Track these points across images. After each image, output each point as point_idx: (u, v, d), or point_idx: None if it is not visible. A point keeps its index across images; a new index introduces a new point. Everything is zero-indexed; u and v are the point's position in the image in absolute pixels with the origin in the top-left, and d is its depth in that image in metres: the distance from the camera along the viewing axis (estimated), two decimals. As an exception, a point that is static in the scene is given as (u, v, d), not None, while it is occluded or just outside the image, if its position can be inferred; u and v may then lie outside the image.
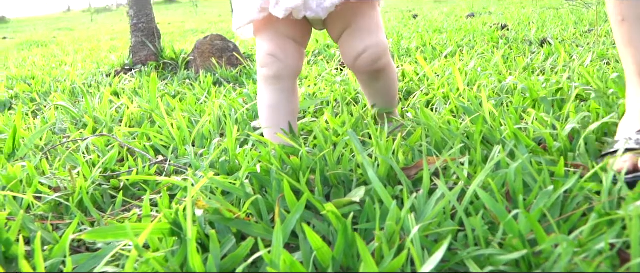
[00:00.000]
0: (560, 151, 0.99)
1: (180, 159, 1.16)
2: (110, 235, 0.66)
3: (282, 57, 1.08)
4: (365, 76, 1.14)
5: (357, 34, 1.07)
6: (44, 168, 1.11)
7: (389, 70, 1.15)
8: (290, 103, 1.14)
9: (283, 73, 1.09)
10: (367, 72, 1.11)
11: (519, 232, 0.65)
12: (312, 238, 0.63)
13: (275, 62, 1.08)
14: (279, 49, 1.08)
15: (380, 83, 1.17)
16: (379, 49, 1.07)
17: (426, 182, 0.80)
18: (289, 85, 1.12)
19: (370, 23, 1.07)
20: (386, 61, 1.11)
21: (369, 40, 1.06)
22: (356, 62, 1.08)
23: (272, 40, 1.09)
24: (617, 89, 1.31)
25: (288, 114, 1.14)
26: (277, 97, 1.12)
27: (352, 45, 1.07)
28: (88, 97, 1.66)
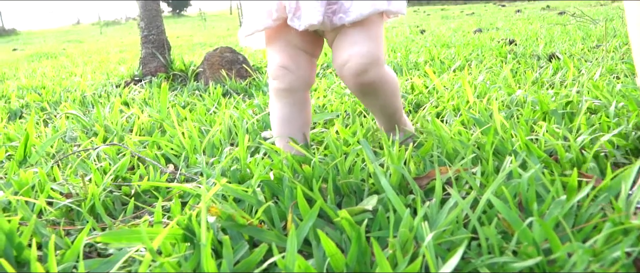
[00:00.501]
0: (573, 162, 0.98)
1: (191, 168, 1.17)
2: (124, 238, 0.67)
3: (294, 68, 1.06)
4: (354, 89, 1.05)
5: (344, 42, 1.01)
6: (56, 175, 1.12)
7: (381, 85, 1.04)
8: (303, 115, 1.12)
9: (295, 85, 1.07)
10: (354, 84, 1.02)
11: (533, 240, 0.64)
12: (327, 244, 0.62)
13: (287, 75, 1.05)
14: (291, 61, 1.06)
15: (373, 100, 1.10)
16: (364, 60, 0.98)
17: (438, 191, 0.80)
18: (301, 98, 1.10)
19: (360, 32, 1.00)
20: (375, 75, 1.01)
21: (355, 49, 0.99)
22: (342, 71, 1.02)
23: (283, 52, 1.06)
24: (627, 102, 1.30)
25: (300, 125, 1.12)
26: (289, 110, 1.10)
27: (339, 53, 1.01)
28: (99, 106, 1.68)
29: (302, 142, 1.12)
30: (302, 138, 1.12)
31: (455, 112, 1.49)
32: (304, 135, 1.13)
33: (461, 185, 0.90)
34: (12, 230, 0.76)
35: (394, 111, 1.16)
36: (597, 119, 1.22)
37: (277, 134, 1.13)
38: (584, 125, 1.17)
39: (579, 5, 10.07)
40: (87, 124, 1.67)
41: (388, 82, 1.06)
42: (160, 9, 3.01)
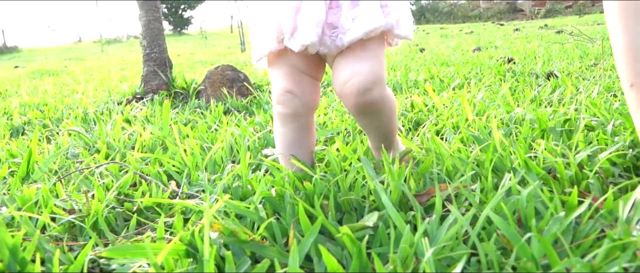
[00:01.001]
0: (572, 179, 0.99)
1: (193, 185, 1.18)
2: (128, 253, 0.67)
3: (299, 93, 1.05)
4: (354, 109, 1.01)
5: (347, 60, 0.98)
6: (59, 191, 1.13)
7: (382, 106, 1.02)
8: (308, 138, 1.12)
9: (300, 110, 1.06)
10: (355, 104, 0.99)
11: (532, 255, 0.65)
12: (328, 260, 0.63)
13: (292, 100, 1.05)
14: (296, 85, 1.05)
15: (372, 120, 1.06)
16: (368, 78, 0.96)
17: (438, 207, 0.81)
18: (306, 122, 1.10)
19: (364, 51, 0.98)
20: (377, 95, 0.98)
21: (358, 66, 0.96)
22: (343, 89, 0.98)
23: (287, 76, 1.05)
24: (624, 119, 1.32)
25: (306, 149, 1.13)
26: (295, 134, 1.10)
27: (340, 71, 0.99)
28: (101, 123, 1.69)
29: (308, 163, 1.12)
30: (309, 160, 1.13)
31: (454, 129, 1.51)
32: (310, 157, 1.13)
33: (461, 202, 0.91)
34: (15, 245, 0.77)
35: (390, 131, 1.13)
36: (594, 136, 1.23)
37: (283, 160, 1.13)
38: (582, 142, 1.18)
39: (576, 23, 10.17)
40: (90, 141, 1.68)
41: (388, 103, 1.04)
42: (163, 28, 3.05)
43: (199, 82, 2.88)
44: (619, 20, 0.80)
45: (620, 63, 0.82)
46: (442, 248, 0.70)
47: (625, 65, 0.81)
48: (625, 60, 0.81)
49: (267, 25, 1.03)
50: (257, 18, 1.08)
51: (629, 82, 0.81)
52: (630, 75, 0.81)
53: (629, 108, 0.85)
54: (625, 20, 0.79)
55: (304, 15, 0.96)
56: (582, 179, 1.01)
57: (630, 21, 0.79)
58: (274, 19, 1.01)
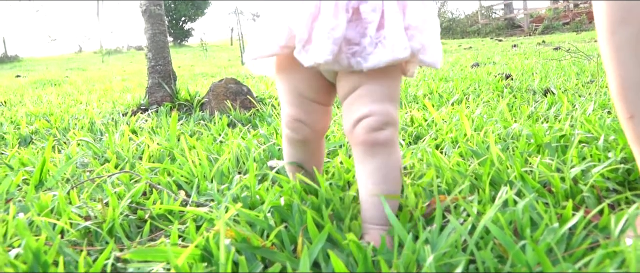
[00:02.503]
0: (567, 193, 1.04)
1: (202, 194, 1.22)
2: (149, 255, 0.72)
3: (310, 122, 1.01)
4: (361, 147, 0.91)
5: (365, 97, 0.90)
6: (73, 199, 1.17)
7: (391, 150, 0.92)
8: (317, 158, 1.12)
9: (309, 137, 1.04)
10: (364, 141, 0.90)
11: (527, 262, 0.70)
12: (336, 263, 0.68)
13: (302, 128, 1.02)
14: (306, 115, 1.01)
15: (377, 161, 0.91)
16: (383, 118, 0.89)
17: (439, 217, 0.85)
18: (316, 146, 1.09)
19: (384, 90, 0.91)
20: (389, 136, 0.90)
21: (377, 106, 0.89)
22: (355, 127, 0.90)
23: (296, 105, 1.00)
24: (617, 135, 1.37)
25: (316, 163, 1.13)
26: (303, 156, 1.09)
27: (357, 108, 0.91)
28: (111, 133, 1.74)
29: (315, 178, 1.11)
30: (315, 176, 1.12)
31: (453, 144, 1.56)
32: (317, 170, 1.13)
33: (459, 213, 0.96)
34: (38, 248, 0.82)
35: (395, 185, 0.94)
36: (588, 152, 1.28)
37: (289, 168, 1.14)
38: (576, 157, 1.23)
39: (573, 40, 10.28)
40: (99, 151, 1.73)
41: (397, 148, 0.94)
42: (168, 41, 3.11)
43: (202, 95, 2.93)
44: (614, 52, 0.82)
45: (616, 96, 0.85)
46: (442, 255, 0.75)
47: (623, 98, 0.83)
48: (622, 94, 0.83)
49: (275, 26, 0.92)
50: (267, 15, 0.97)
51: (628, 114, 0.83)
52: (630, 108, 0.83)
53: (628, 139, 0.87)
54: (619, 53, 0.82)
55: (321, 28, 0.85)
56: (577, 193, 1.05)
57: (626, 54, 0.81)
58: (284, 22, 0.90)
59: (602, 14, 0.82)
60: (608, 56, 0.84)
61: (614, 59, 0.82)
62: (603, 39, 0.84)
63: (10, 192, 1.28)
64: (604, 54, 0.85)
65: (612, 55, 0.82)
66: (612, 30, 0.81)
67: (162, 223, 1.07)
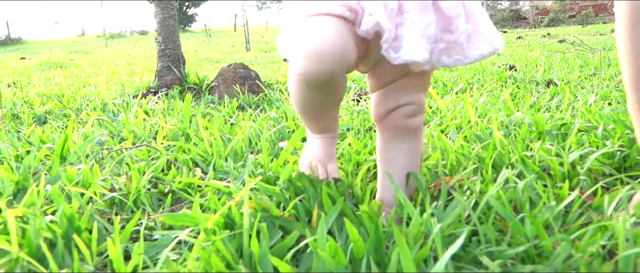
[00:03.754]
0: (564, 176, 1.10)
1: (218, 171, 1.28)
2: (179, 220, 0.78)
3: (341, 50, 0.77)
4: (393, 133, 0.96)
5: (406, 88, 0.93)
6: (95, 173, 1.23)
7: (420, 133, 0.98)
8: (338, 98, 0.94)
9: (336, 69, 0.78)
10: (398, 127, 0.94)
11: (525, 234, 0.76)
12: (351, 231, 0.74)
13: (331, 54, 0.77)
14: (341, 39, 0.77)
15: (407, 144, 0.96)
16: (419, 107, 0.94)
17: (444, 195, 0.92)
18: (341, 80, 0.87)
19: (424, 82, 0.95)
20: (420, 123, 0.96)
21: (415, 96, 0.93)
22: (390, 114, 0.94)
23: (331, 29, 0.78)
24: (616, 124, 1.43)
25: (333, 111, 1.03)
26: (323, 96, 0.89)
27: (396, 97, 0.93)
28: (127, 112, 1.80)
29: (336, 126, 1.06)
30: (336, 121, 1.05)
31: (457, 129, 1.61)
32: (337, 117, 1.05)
33: (463, 191, 1.02)
34: (72, 214, 0.88)
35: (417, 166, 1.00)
36: (587, 139, 1.34)
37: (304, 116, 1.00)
38: (575, 144, 1.29)
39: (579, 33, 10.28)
40: (115, 130, 1.79)
41: (422, 137, 1.00)
42: (177, 25, 3.15)
43: (211, 79, 2.99)
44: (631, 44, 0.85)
45: (629, 85, 0.89)
46: (447, 227, 0.81)
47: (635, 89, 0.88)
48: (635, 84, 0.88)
49: None
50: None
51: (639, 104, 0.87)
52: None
53: (635, 129, 0.91)
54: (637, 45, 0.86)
55: (411, 26, 0.80)
56: (574, 176, 1.11)
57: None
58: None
59: (623, 6, 0.86)
60: (624, 47, 0.88)
61: (631, 50, 0.86)
62: (621, 30, 0.87)
63: (34, 167, 1.35)
64: (621, 45, 0.89)
65: (629, 47, 0.86)
66: (632, 23, 0.85)
67: (183, 195, 1.13)
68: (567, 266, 0.70)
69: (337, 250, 0.70)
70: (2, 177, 1.14)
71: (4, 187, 1.12)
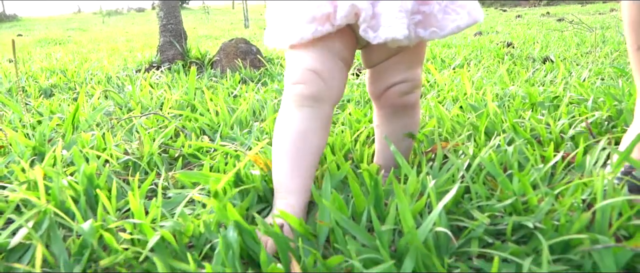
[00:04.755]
0: (552, 142, 1.17)
1: (224, 138, 1.34)
2: (194, 178, 0.85)
3: (327, 76, 0.85)
4: (390, 110, 0.99)
5: (401, 64, 0.93)
6: (108, 140, 1.29)
7: (417, 107, 1.01)
8: (322, 136, 0.88)
9: (324, 95, 0.85)
10: (395, 104, 0.97)
11: (513, 191, 0.83)
12: (354, 186, 0.80)
13: (316, 80, 0.84)
14: (325, 67, 0.85)
15: (404, 120, 1.00)
16: (415, 83, 0.95)
17: (439, 157, 0.98)
18: (326, 112, 0.87)
19: (418, 57, 0.95)
20: (416, 98, 0.98)
21: (411, 73, 0.94)
22: (387, 91, 0.95)
23: (318, 57, 0.86)
24: (606, 97, 1.49)
25: (314, 148, 0.87)
26: (309, 123, 0.86)
27: (391, 74, 0.93)
28: (130, 86, 1.85)
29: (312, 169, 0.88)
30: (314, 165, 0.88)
31: (454, 101, 1.67)
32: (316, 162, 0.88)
33: (457, 155, 1.08)
34: (92, 174, 0.94)
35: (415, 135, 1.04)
36: (577, 110, 1.40)
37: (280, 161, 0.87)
38: (565, 114, 1.35)
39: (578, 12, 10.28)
40: (122, 101, 1.84)
41: (419, 104, 1.02)
42: (179, 0, 3.18)
43: (212, 54, 3.03)
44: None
45: (628, 28, 0.94)
46: (442, 184, 0.88)
47: (634, 31, 0.93)
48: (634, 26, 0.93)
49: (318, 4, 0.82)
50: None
51: (636, 45, 0.92)
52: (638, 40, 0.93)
53: (633, 69, 0.98)
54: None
55: (388, 3, 0.80)
56: (562, 143, 1.18)
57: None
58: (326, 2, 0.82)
59: None
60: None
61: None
62: None
63: (47, 134, 1.40)
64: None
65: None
66: None
67: (192, 160, 1.20)
68: (550, 218, 0.76)
69: (340, 202, 0.77)
70: (20, 142, 1.20)
71: (22, 152, 1.18)
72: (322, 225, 0.76)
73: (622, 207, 0.74)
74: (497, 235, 0.78)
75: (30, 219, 0.79)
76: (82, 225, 0.74)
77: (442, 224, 0.72)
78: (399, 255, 0.70)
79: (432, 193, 0.76)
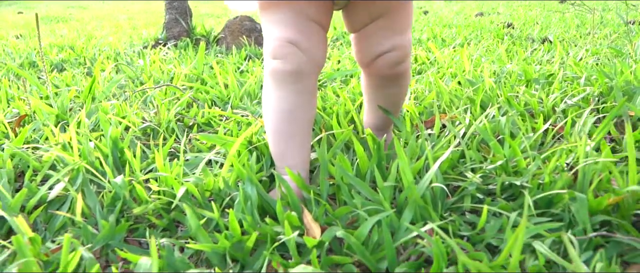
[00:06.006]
0: (544, 114, 1.24)
1: (234, 109, 1.42)
2: (213, 139, 0.93)
3: (306, 46, 0.81)
4: (380, 80, 0.95)
5: (387, 30, 0.87)
6: (125, 109, 1.37)
7: (407, 75, 0.97)
8: (310, 108, 0.87)
9: (305, 68, 0.82)
10: (385, 75, 0.92)
11: (504, 155, 0.91)
12: (358, 148, 0.88)
13: (296, 53, 0.81)
14: (302, 36, 0.81)
15: (394, 89, 0.98)
16: (405, 51, 0.89)
17: (437, 125, 1.06)
18: (309, 85, 0.85)
19: (404, 20, 0.89)
20: (408, 65, 0.93)
21: (399, 39, 0.88)
22: (376, 61, 0.89)
23: (292, 24, 0.81)
24: (598, 75, 1.56)
25: (305, 123, 0.87)
26: (294, 100, 0.84)
27: (378, 42, 0.88)
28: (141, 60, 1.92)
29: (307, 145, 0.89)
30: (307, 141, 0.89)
31: (453, 77, 1.75)
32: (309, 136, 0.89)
33: (454, 125, 1.16)
34: (117, 137, 1.02)
35: (401, 102, 1.05)
36: (570, 87, 1.48)
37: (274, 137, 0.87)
38: (557, 90, 1.43)
39: (580, -5, 10.27)
40: (134, 75, 1.91)
41: (410, 71, 0.97)
42: (184, -22, 3.22)
43: (217, 31, 3.09)
44: None
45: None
46: (439, 148, 0.96)
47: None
48: None
49: None
50: None
51: None
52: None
53: None
54: None
55: None
56: (553, 116, 1.25)
57: None
58: None
59: None
60: None
61: None
62: None
63: (66, 104, 1.48)
64: None
65: None
66: None
67: (205, 127, 1.27)
68: (536, 178, 0.85)
69: (346, 163, 0.85)
70: (45, 111, 1.28)
71: (46, 119, 1.26)
72: (325, 183, 0.84)
73: (602, 169, 0.82)
74: (488, 194, 0.86)
75: (66, 175, 0.87)
76: (114, 180, 0.82)
77: (438, 181, 0.80)
78: (399, 208, 0.78)
79: (429, 154, 0.84)
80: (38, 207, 0.84)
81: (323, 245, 0.67)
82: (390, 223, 0.72)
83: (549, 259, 0.65)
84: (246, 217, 0.72)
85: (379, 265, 0.65)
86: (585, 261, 0.65)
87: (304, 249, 0.69)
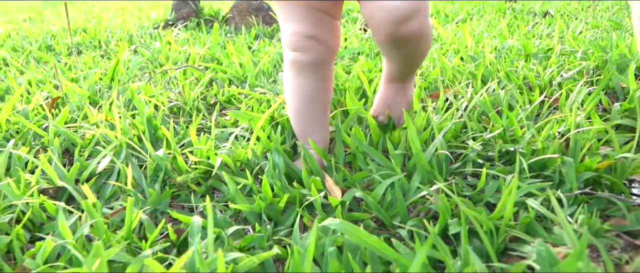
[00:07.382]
0: (540, 87, 1.34)
1: (252, 87, 1.52)
2: (239, 116, 1.03)
3: (322, 38, 0.87)
4: (387, 40, 0.81)
5: None
6: (151, 90, 1.47)
7: (419, 40, 0.82)
8: (328, 89, 0.95)
9: (323, 57, 0.89)
10: (390, 34, 0.79)
11: (502, 125, 1.01)
12: (371, 121, 0.99)
13: (314, 46, 0.87)
14: (318, 29, 0.87)
15: (401, 51, 0.85)
16: (410, 6, 0.76)
17: (442, 99, 1.16)
18: (328, 71, 0.92)
19: None
20: (418, 25, 0.78)
21: None
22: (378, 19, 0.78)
23: (307, 19, 0.87)
24: (594, 48, 1.64)
25: (324, 104, 0.96)
26: (315, 86, 0.92)
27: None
28: (157, 42, 2.01)
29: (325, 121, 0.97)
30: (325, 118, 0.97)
31: (455, 53, 1.83)
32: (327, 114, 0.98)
33: (457, 99, 1.26)
34: (150, 115, 1.12)
35: (418, 65, 0.96)
36: (567, 61, 1.57)
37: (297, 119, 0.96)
38: (554, 64, 1.52)
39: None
40: (152, 57, 2.01)
41: (426, 35, 0.84)
42: (191, -41, 3.28)
43: (224, 12, 3.16)
44: None
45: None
46: (443, 121, 1.06)
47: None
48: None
49: None
50: None
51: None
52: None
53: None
54: None
55: None
56: (550, 88, 1.35)
57: None
58: None
59: None
60: None
61: None
62: None
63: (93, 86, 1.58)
64: None
65: None
66: None
67: (227, 105, 1.38)
68: (531, 145, 0.95)
69: (360, 134, 0.95)
70: (78, 93, 1.38)
71: (80, 100, 1.36)
72: (341, 152, 0.95)
73: (591, 137, 0.92)
74: (487, 159, 0.96)
75: (111, 151, 0.98)
76: (156, 153, 0.92)
77: (443, 149, 0.90)
78: (409, 173, 0.88)
79: (435, 125, 0.94)
80: (88, 179, 0.95)
81: (345, 204, 0.78)
82: (401, 185, 0.82)
83: (540, 213, 0.75)
84: (276, 182, 0.83)
85: (393, 220, 0.76)
86: (570, 214, 0.75)
87: (328, 208, 0.80)
